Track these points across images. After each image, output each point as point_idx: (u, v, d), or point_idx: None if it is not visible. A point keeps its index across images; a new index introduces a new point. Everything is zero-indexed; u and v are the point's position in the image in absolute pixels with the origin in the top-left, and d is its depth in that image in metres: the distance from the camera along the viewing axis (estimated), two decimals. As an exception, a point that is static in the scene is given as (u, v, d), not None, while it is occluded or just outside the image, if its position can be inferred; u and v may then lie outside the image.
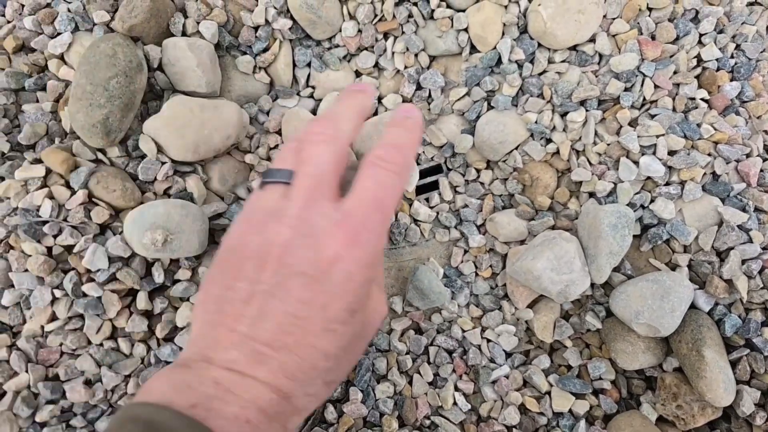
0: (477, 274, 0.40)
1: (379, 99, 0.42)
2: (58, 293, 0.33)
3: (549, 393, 0.37)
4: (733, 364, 0.34)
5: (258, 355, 0.21)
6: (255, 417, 0.21)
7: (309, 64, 0.41)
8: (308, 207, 0.24)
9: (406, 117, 0.28)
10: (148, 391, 0.21)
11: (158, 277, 0.35)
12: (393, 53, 0.40)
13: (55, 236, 0.34)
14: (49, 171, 0.34)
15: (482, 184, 0.41)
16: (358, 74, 0.42)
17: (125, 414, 0.20)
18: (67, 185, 0.34)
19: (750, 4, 0.41)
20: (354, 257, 0.23)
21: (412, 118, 0.28)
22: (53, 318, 0.34)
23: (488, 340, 0.39)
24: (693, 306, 0.35)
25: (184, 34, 0.38)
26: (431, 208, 0.41)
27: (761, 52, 0.39)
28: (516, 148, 0.39)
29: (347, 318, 0.23)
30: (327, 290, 0.22)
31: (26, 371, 0.33)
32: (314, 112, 0.41)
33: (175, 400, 0.20)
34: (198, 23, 0.38)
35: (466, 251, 0.41)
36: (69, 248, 0.34)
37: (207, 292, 0.24)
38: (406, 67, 0.40)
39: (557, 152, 0.39)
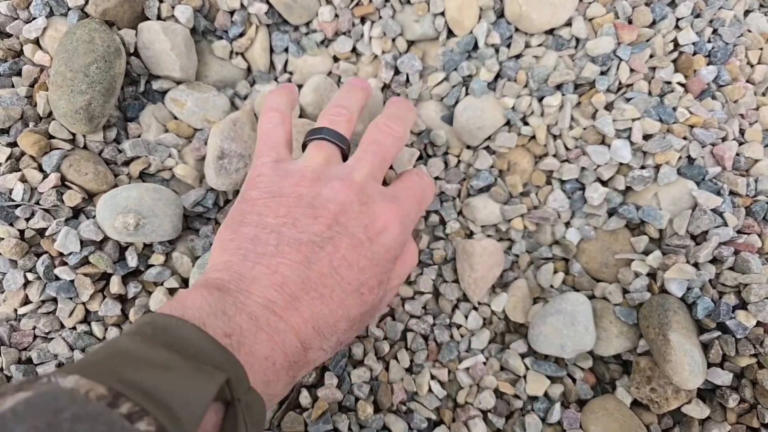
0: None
1: (358, 85, 0.42)
2: (30, 276, 0.33)
3: (525, 377, 0.37)
4: (706, 347, 0.34)
5: (294, 300, 0.23)
6: (280, 361, 0.22)
7: (286, 49, 0.41)
8: (369, 180, 0.27)
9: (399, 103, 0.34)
10: (183, 305, 0.21)
11: (131, 261, 0.35)
12: (370, 38, 0.40)
13: (27, 219, 0.34)
14: (22, 154, 0.34)
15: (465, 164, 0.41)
16: (335, 59, 0.42)
17: (153, 320, 0.19)
18: (40, 168, 0.34)
19: (728, -12, 0.41)
20: (396, 233, 0.26)
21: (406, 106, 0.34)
22: (26, 301, 0.34)
23: (461, 335, 0.39)
24: (665, 290, 0.35)
25: (159, 18, 0.38)
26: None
27: (738, 36, 0.39)
28: (489, 138, 0.39)
29: (375, 286, 0.26)
30: (369, 256, 0.25)
31: (-1, 354, 0.33)
32: (293, 98, 0.41)
33: (209, 325, 0.20)
34: (173, 7, 0.38)
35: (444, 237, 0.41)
36: (41, 231, 0.34)
37: (238, 229, 0.25)
38: (383, 52, 0.40)
39: (534, 137, 0.39)
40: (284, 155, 0.29)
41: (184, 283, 0.36)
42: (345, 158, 0.30)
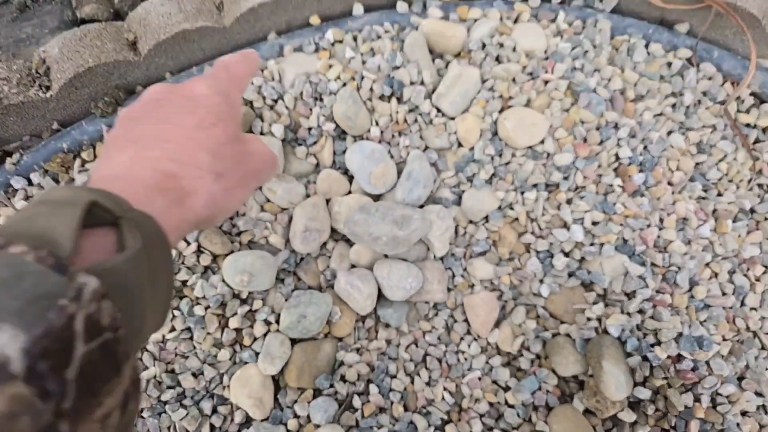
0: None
1: (393, 176, 0.59)
2: (176, 313, 0.50)
3: (510, 389, 0.53)
4: (633, 371, 0.49)
5: (145, 150, 0.28)
6: (142, 191, 0.26)
7: (344, 151, 0.58)
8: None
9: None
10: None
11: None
12: (405, 146, 0.57)
13: (174, 274, 0.50)
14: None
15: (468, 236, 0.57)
16: (378, 159, 0.58)
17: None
18: (184, 239, 0.51)
19: (656, 115, 0.57)
20: (209, 94, 0.33)
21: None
22: (171, 329, 0.50)
23: (465, 358, 0.55)
24: (606, 332, 0.51)
25: (261, 133, 0.55)
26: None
27: (662, 151, 0.56)
28: (486, 218, 0.55)
29: (214, 121, 0.31)
30: (189, 105, 0.31)
31: (154, 366, 0.49)
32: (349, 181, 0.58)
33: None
34: (270, 125, 0.55)
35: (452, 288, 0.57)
36: (184, 282, 0.50)
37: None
38: (412, 156, 0.57)
39: (517, 219, 0.55)
40: None
41: (277, 317, 0.52)
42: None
